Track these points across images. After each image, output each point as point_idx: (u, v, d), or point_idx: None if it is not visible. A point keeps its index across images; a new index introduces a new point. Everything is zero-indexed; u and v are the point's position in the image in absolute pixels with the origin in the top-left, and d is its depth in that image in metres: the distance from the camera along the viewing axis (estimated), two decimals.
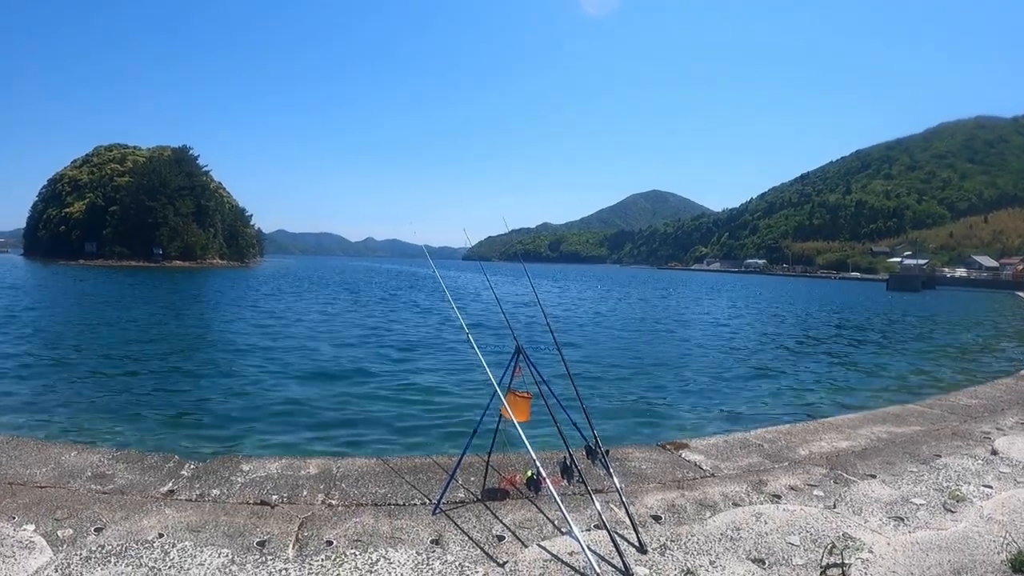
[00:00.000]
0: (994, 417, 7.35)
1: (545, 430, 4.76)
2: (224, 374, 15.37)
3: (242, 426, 10.69)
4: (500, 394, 4.06)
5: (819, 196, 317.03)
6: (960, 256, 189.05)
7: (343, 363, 17.28)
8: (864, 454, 5.81)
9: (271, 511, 4.09)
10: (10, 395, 12.33)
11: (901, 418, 7.31)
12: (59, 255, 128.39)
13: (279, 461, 5.08)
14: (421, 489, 4.56)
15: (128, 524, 3.76)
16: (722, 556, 3.65)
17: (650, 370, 17.58)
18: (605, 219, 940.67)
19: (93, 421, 10.68)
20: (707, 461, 5.47)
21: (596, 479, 4.67)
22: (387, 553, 3.54)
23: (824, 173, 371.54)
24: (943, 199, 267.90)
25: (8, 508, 3.89)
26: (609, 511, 4.19)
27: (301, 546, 3.60)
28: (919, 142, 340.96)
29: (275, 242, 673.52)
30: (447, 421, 11.30)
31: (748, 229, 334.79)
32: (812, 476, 5.12)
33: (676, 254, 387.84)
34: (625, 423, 11.61)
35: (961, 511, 4.42)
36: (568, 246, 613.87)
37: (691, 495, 4.61)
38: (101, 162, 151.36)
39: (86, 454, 5.03)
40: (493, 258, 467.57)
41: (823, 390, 15.80)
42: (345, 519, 4.00)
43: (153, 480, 4.51)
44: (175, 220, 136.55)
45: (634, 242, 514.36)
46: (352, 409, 12.12)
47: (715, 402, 13.78)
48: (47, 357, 16.91)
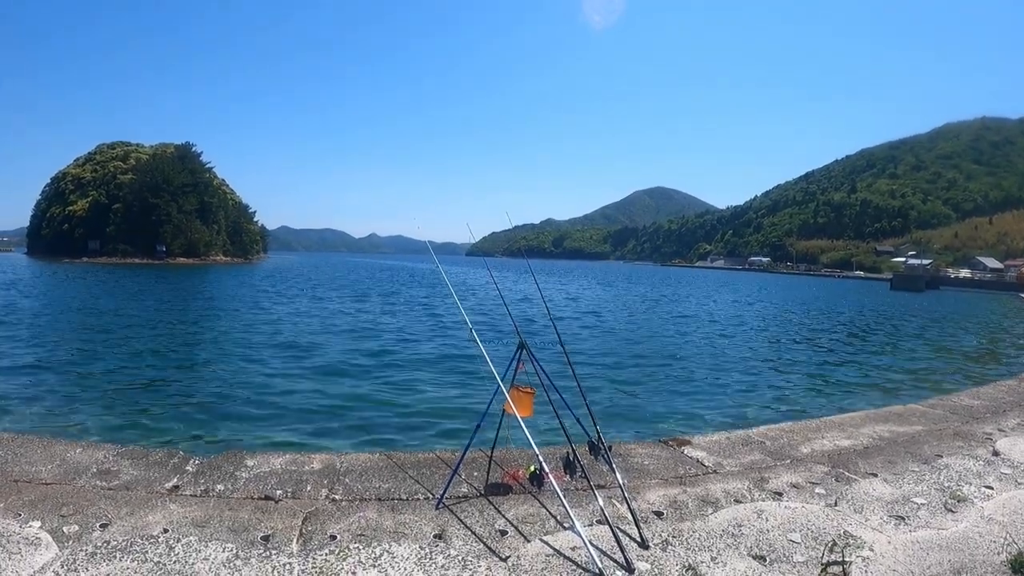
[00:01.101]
0: (996, 418, 7.34)
1: (548, 425, 4.77)
2: (228, 370, 15.42)
3: (246, 422, 10.73)
4: (504, 389, 4.08)
5: (824, 195, 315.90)
6: (964, 257, 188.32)
7: (346, 359, 17.31)
8: (866, 453, 5.81)
9: (275, 506, 4.11)
10: (15, 393, 12.37)
11: (903, 417, 7.31)
12: (63, 253, 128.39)
13: (283, 456, 5.10)
14: (424, 484, 4.57)
15: (133, 520, 3.78)
16: (723, 552, 3.66)
17: (653, 367, 17.59)
18: (609, 215, 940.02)
19: (98, 418, 10.73)
20: (709, 458, 5.48)
21: (599, 474, 4.68)
22: (390, 547, 3.56)
23: (829, 172, 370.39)
24: (948, 200, 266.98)
25: (14, 505, 3.91)
26: (611, 506, 4.20)
27: (305, 541, 3.62)
28: (924, 142, 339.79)
29: (278, 239, 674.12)
30: (450, 416, 11.34)
31: (752, 227, 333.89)
32: (814, 474, 5.12)
33: (680, 251, 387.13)
34: (628, 419, 11.64)
35: (962, 511, 4.42)
36: (572, 242, 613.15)
37: (693, 491, 4.62)
38: (104, 160, 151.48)
39: (91, 451, 5.04)
40: (497, 254, 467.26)
41: (825, 388, 15.80)
42: (349, 514, 4.01)
43: (157, 476, 4.53)
44: (178, 217, 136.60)
45: (638, 239, 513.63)
46: (355, 404, 12.15)
47: (718, 399, 13.79)
48: (51, 355, 16.96)
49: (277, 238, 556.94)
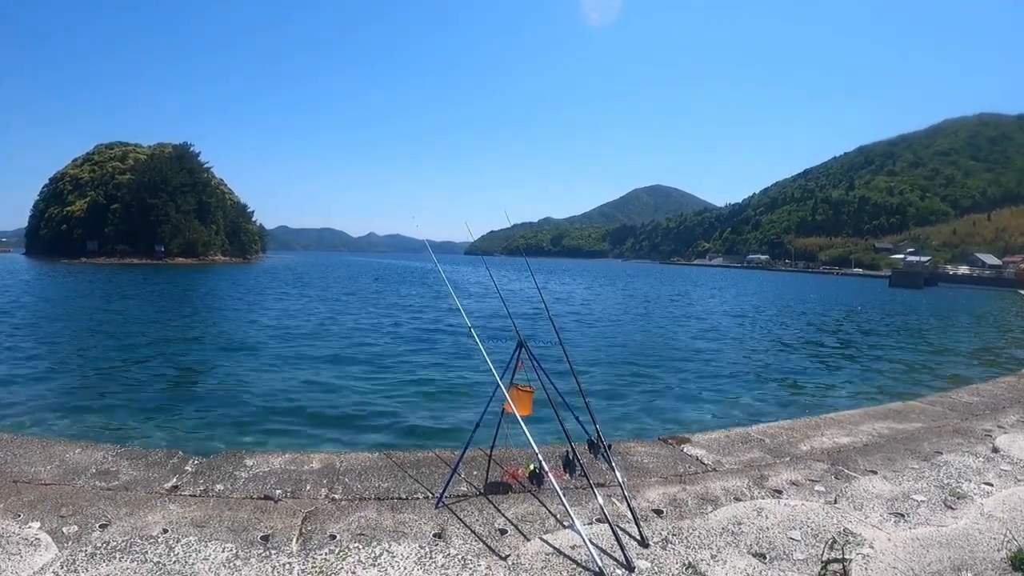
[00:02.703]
0: (995, 415, 7.34)
1: (547, 424, 4.77)
2: (227, 371, 15.42)
3: (245, 421, 10.74)
4: (503, 388, 4.08)
5: (822, 192, 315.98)
6: (963, 254, 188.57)
7: (346, 358, 17.32)
8: (865, 450, 5.81)
9: (275, 506, 4.11)
10: (14, 393, 12.38)
11: (902, 414, 7.31)
12: (61, 254, 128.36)
13: (282, 456, 5.09)
14: (424, 483, 4.57)
15: (132, 520, 3.77)
16: (723, 550, 3.66)
17: (652, 365, 17.60)
18: (607, 213, 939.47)
19: (97, 418, 10.74)
20: (709, 456, 5.48)
21: (598, 473, 4.67)
22: (390, 547, 3.55)
23: (827, 169, 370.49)
24: (946, 196, 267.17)
25: (13, 506, 3.90)
26: (611, 505, 4.20)
27: (305, 540, 3.62)
28: (922, 139, 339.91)
29: (277, 238, 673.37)
30: (449, 415, 11.34)
31: (750, 224, 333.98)
32: (813, 471, 5.12)
33: (678, 249, 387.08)
34: (627, 417, 11.65)
35: (962, 508, 4.42)
36: (570, 241, 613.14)
37: (693, 489, 4.62)
38: (102, 160, 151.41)
39: (90, 451, 5.03)
40: (495, 252, 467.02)
41: (824, 385, 15.82)
42: (348, 513, 4.01)
43: (157, 476, 4.52)
44: (177, 217, 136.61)
45: (636, 237, 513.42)
46: (355, 404, 12.16)
47: (717, 397, 13.81)
48: (50, 355, 16.96)
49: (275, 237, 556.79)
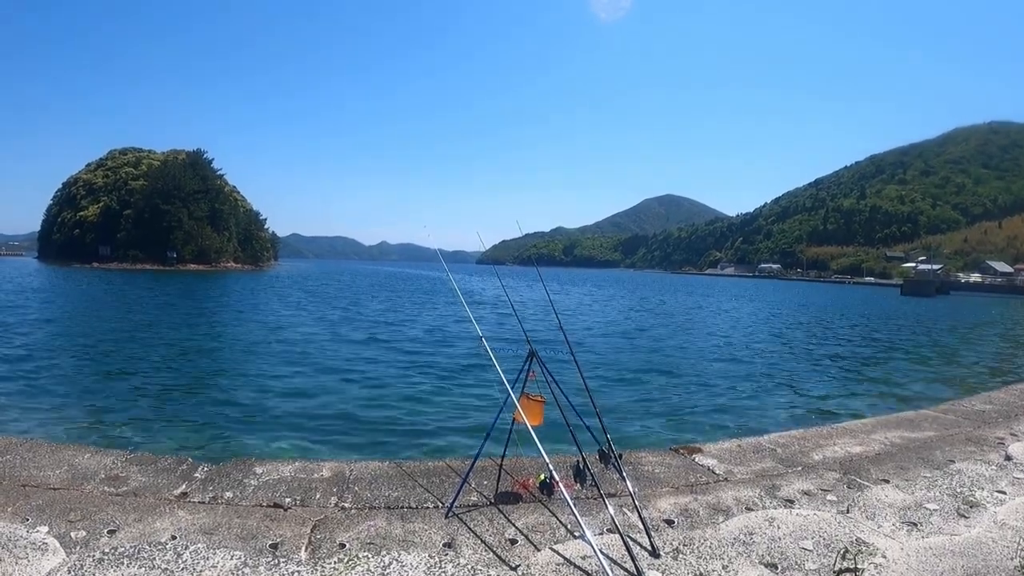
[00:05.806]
0: (1008, 423, 7.27)
1: (558, 434, 4.75)
2: (238, 377, 15.46)
3: (255, 429, 10.75)
4: (514, 397, 4.06)
5: (833, 201, 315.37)
6: (975, 261, 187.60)
7: (356, 368, 17.34)
8: (877, 459, 5.75)
9: (284, 514, 4.10)
10: (24, 398, 12.44)
11: (915, 423, 7.25)
12: (73, 258, 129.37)
13: (292, 464, 5.08)
14: (434, 492, 4.55)
15: (141, 526, 3.77)
16: (735, 560, 3.63)
17: (663, 375, 17.54)
18: (619, 223, 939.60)
19: (107, 424, 10.78)
20: (720, 465, 5.44)
21: (609, 483, 4.65)
22: (400, 556, 3.54)
23: (838, 178, 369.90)
24: (957, 204, 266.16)
25: (22, 510, 3.91)
26: (622, 515, 4.17)
27: (314, 549, 3.60)
28: (933, 147, 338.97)
29: (289, 246, 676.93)
30: (460, 424, 11.33)
31: (762, 234, 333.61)
32: (825, 481, 5.08)
33: (690, 259, 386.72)
34: (638, 427, 11.61)
35: (975, 517, 4.37)
36: (582, 250, 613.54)
37: (704, 499, 4.58)
38: (116, 166, 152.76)
39: (99, 456, 5.03)
40: (507, 262, 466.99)
41: (836, 395, 15.72)
42: (358, 522, 4.00)
43: (166, 482, 4.52)
44: (189, 223, 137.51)
45: (648, 247, 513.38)
46: (365, 412, 12.16)
47: (729, 407, 13.74)
48: (60, 360, 17.05)
49: (288, 245, 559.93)
